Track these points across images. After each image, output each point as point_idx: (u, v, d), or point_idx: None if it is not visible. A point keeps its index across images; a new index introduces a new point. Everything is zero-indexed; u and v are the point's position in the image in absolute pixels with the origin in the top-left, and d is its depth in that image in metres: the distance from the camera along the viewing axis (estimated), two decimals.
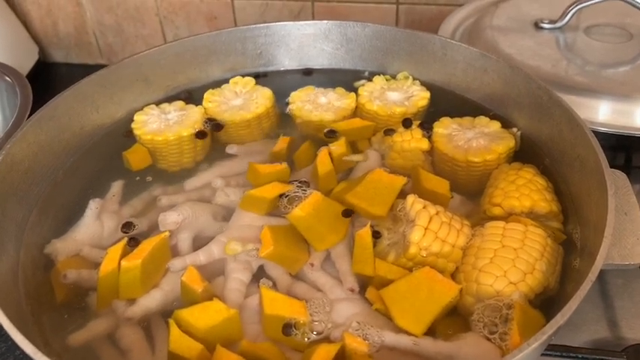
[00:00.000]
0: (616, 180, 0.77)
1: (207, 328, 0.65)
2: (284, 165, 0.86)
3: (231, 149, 0.93)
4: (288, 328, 0.67)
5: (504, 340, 0.64)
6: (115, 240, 0.78)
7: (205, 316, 0.66)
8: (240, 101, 1.00)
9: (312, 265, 0.74)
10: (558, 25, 1.13)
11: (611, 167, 0.74)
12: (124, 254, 0.73)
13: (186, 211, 0.79)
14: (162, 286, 0.73)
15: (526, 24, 1.16)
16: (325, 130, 0.94)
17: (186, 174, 0.90)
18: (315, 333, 0.68)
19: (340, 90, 1.03)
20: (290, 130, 0.98)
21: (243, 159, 0.92)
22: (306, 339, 0.67)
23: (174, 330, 0.65)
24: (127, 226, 0.80)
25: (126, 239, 0.76)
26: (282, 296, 0.70)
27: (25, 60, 1.46)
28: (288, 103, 1.01)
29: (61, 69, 1.60)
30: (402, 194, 0.78)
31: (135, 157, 0.91)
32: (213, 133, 0.97)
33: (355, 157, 0.89)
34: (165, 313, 0.71)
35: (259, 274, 0.75)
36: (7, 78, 1.15)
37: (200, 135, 0.94)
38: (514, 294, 0.66)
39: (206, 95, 1.00)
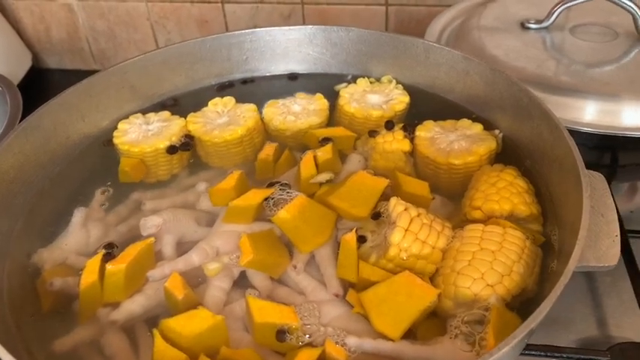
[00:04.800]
0: (593, 181, 0.77)
1: (193, 336, 0.66)
2: (238, 172, 0.84)
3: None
4: (281, 334, 0.67)
5: (482, 346, 0.64)
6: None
7: (191, 323, 0.66)
8: (226, 118, 0.97)
9: (294, 267, 0.74)
10: (544, 25, 1.13)
11: (598, 167, 0.74)
12: (102, 266, 0.73)
13: (167, 214, 0.80)
14: (146, 290, 0.73)
15: (513, 24, 1.16)
16: (320, 139, 0.92)
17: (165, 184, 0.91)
18: (307, 336, 0.68)
19: (302, 94, 1.02)
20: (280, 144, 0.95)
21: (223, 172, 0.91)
22: (299, 343, 0.67)
23: (159, 341, 0.65)
24: (108, 247, 0.79)
25: (103, 251, 0.77)
26: (270, 303, 0.69)
27: (18, 66, 1.47)
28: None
29: (54, 75, 1.60)
30: (386, 197, 0.78)
31: (133, 169, 0.90)
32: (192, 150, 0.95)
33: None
34: (150, 320, 0.72)
35: (240, 280, 0.75)
36: None
37: (171, 150, 0.92)
38: (491, 297, 0.67)
39: (189, 118, 0.97)
